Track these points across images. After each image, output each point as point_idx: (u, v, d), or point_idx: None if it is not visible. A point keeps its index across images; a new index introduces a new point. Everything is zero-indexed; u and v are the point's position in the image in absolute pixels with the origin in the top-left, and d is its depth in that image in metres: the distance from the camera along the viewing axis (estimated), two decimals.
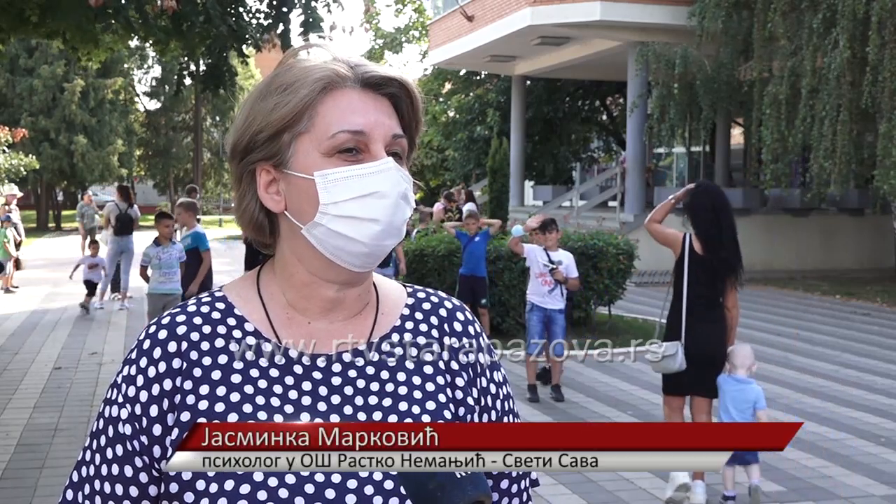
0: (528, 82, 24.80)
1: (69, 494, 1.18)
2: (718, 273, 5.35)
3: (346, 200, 1.13)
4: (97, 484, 1.15)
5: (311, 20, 9.16)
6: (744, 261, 5.43)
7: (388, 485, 1.09)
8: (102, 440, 1.16)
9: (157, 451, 1.14)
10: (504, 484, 1.26)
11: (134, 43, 13.53)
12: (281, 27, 9.43)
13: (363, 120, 1.14)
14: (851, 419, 7.39)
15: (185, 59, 11.99)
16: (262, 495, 1.06)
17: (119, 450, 1.15)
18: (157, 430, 1.14)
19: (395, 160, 1.16)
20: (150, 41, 10.38)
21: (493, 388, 1.26)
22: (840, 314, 13.62)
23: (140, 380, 1.15)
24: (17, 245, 15.49)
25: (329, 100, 1.15)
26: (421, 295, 1.30)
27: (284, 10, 9.39)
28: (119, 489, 1.14)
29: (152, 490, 1.14)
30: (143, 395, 1.15)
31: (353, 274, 1.18)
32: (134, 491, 1.14)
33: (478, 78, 28.24)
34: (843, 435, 6.92)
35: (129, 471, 1.14)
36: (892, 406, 7.85)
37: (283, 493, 1.07)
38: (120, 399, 1.16)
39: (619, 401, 7.91)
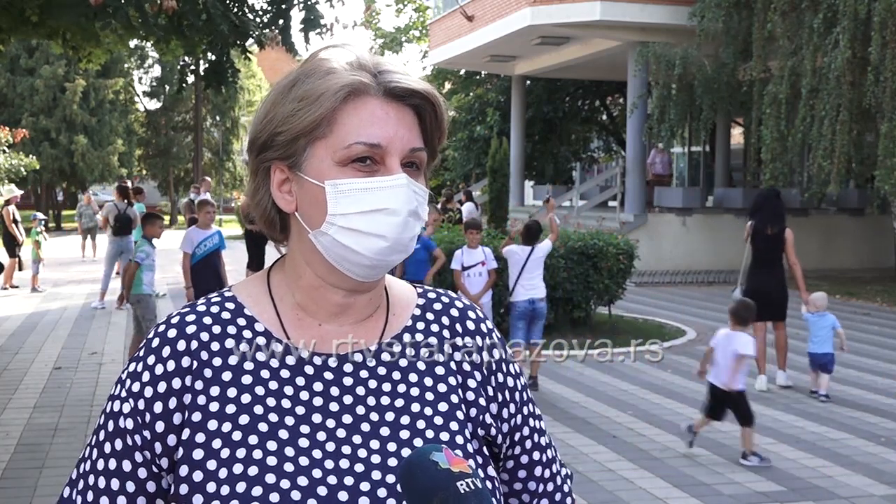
0: (528, 82, 24.76)
1: (66, 492, 1.17)
2: (769, 243, 8.46)
3: (355, 214, 1.11)
4: (92, 479, 1.14)
5: (311, 18, 9.14)
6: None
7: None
8: (102, 435, 1.15)
9: (158, 447, 1.12)
10: (532, 486, 1.27)
11: (134, 43, 13.49)
12: (281, 24, 9.41)
13: (381, 132, 1.11)
14: (851, 419, 7.39)
15: (187, 57, 11.97)
16: (274, 497, 1.05)
17: (119, 444, 1.13)
18: (159, 426, 1.12)
19: (411, 171, 1.14)
20: (151, 41, 10.37)
21: (510, 381, 1.26)
22: (840, 314, 13.48)
23: (146, 376, 1.14)
24: (19, 245, 15.49)
25: (349, 107, 1.12)
26: (431, 295, 1.29)
27: (285, 7, 9.37)
28: (115, 483, 1.12)
29: (150, 486, 1.13)
30: (148, 391, 1.13)
31: (358, 282, 1.17)
32: (130, 486, 1.12)
33: (478, 78, 28.22)
34: (843, 435, 6.93)
35: (127, 465, 1.13)
36: (892, 406, 7.85)
37: (296, 495, 1.06)
38: (123, 394, 1.15)
39: (619, 401, 7.91)
